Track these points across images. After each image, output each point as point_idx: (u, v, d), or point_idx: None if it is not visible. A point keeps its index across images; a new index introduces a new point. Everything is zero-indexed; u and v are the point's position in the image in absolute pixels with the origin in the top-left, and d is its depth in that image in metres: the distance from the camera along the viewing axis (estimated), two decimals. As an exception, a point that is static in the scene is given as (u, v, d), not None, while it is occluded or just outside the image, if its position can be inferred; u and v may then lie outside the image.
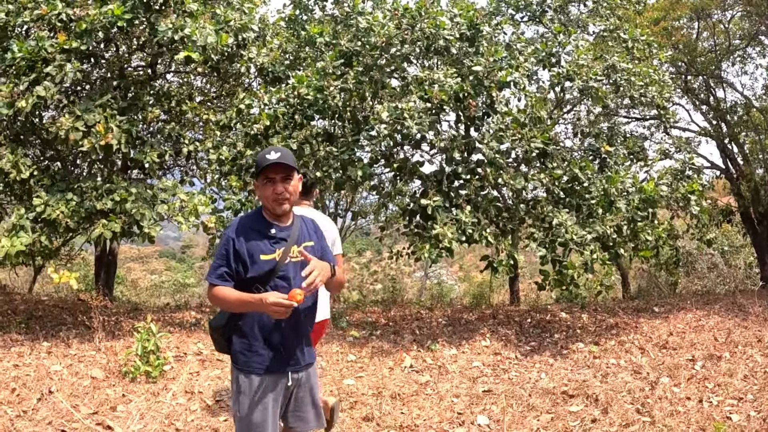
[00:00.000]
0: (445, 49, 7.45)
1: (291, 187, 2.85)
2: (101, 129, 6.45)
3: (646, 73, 8.46)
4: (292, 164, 2.84)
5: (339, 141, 7.06)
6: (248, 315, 2.84)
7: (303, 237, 2.96)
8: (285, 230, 2.91)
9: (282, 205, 2.84)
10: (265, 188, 2.85)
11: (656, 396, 5.25)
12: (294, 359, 2.92)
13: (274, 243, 2.86)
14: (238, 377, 2.87)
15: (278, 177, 2.81)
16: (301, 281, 2.71)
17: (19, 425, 4.55)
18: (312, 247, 2.96)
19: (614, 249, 7.32)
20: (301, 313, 2.89)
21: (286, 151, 2.90)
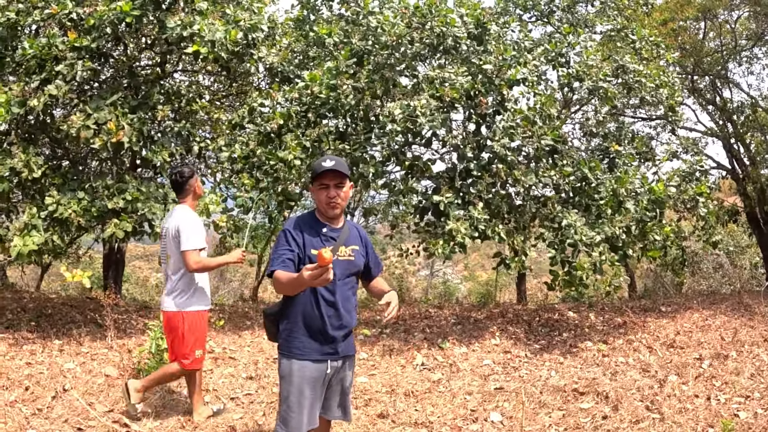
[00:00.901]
0: (453, 48, 7.47)
1: (343, 193, 3.14)
2: (112, 127, 6.47)
3: (656, 75, 8.48)
4: (345, 172, 3.10)
5: (351, 139, 7.08)
6: (295, 304, 3.10)
7: (351, 240, 3.24)
8: (335, 231, 3.19)
9: (334, 208, 3.13)
10: (320, 192, 3.12)
11: (665, 394, 5.31)
12: (333, 348, 3.13)
13: (325, 240, 3.13)
14: (281, 361, 3.12)
15: (332, 183, 3.09)
16: (347, 278, 3.18)
17: (35, 423, 4.57)
18: (358, 251, 3.25)
19: (623, 250, 7.34)
20: (341, 305, 3.13)
21: (340, 159, 3.16)
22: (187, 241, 4.39)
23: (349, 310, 3.21)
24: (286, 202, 7.14)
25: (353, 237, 3.28)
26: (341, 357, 3.19)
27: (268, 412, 5.00)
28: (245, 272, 19.82)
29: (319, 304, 3.11)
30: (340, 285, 3.14)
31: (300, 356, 3.06)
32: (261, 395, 5.40)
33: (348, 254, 3.19)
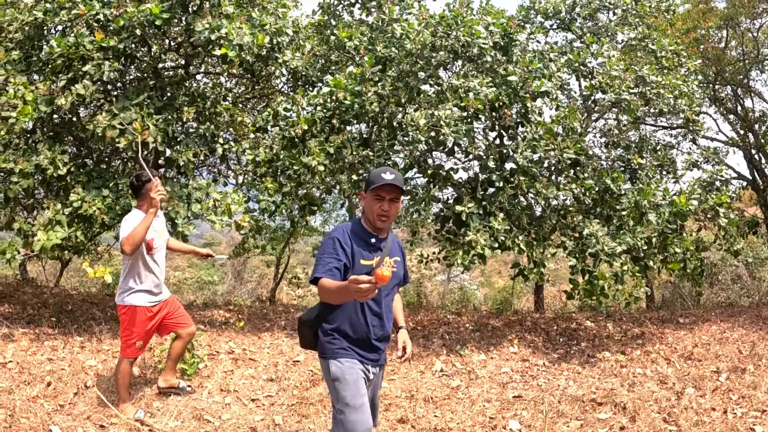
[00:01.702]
0: (478, 57, 7.47)
1: (395, 209, 3.16)
2: (138, 127, 6.53)
3: (675, 85, 8.43)
4: (402, 188, 3.13)
5: (375, 146, 7.10)
6: (340, 311, 3.13)
7: (393, 251, 3.28)
8: (382, 241, 3.22)
9: (384, 222, 3.15)
10: (373, 203, 3.13)
11: (682, 406, 5.30)
12: (374, 355, 3.20)
13: (374, 251, 3.16)
14: (329, 366, 3.11)
15: (387, 197, 3.10)
16: (390, 289, 3.25)
17: (58, 419, 4.61)
18: (399, 262, 3.30)
19: (644, 261, 7.32)
20: (385, 316, 3.20)
21: (399, 174, 3.15)
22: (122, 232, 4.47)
23: (390, 320, 3.28)
24: (309, 207, 7.17)
25: (395, 248, 3.31)
26: (379, 365, 3.28)
27: (289, 414, 5.03)
28: (262, 273, 19.90)
29: (365, 313, 3.14)
30: (384, 296, 3.19)
31: (347, 355, 3.09)
32: (282, 397, 5.42)
33: (392, 266, 3.22)
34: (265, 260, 18.97)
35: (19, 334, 6.53)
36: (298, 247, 15.09)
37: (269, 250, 10.61)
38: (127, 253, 4.43)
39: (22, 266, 12.53)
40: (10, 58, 7.01)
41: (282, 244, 11.04)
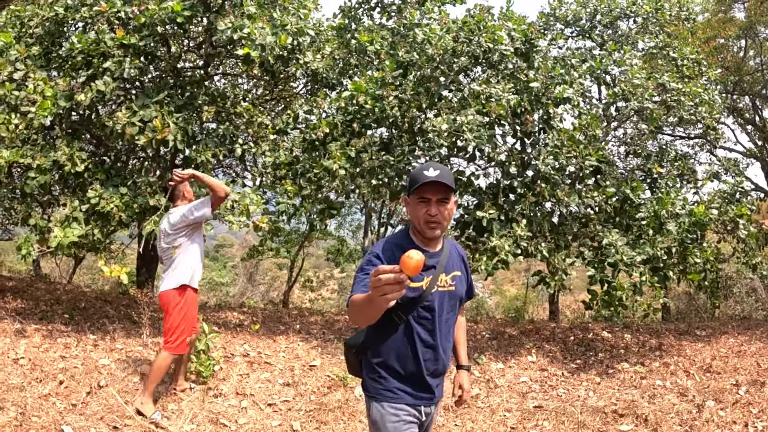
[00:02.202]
0: (498, 63, 7.42)
1: (446, 211, 2.56)
2: (158, 124, 6.50)
3: (695, 93, 8.36)
4: (451, 185, 2.51)
5: (395, 150, 7.04)
6: (386, 340, 2.63)
7: (451, 265, 2.70)
8: (435, 256, 2.63)
9: (433, 229, 2.55)
10: (418, 208, 2.55)
11: (703, 419, 5.27)
12: (429, 392, 2.66)
13: (423, 270, 2.36)
14: (371, 406, 2.67)
15: (434, 198, 2.51)
16: (448, 313, 2.65)
17: (70, 419, 4.56)
18: (459, 277, 2.72)
19: (663, 271, 7.23)
20: (441, 347, 2.64)
21: (446, 169, 2.56)
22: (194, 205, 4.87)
23: (448, 351, 2.71)
24: (328, 211, 7.10)
25: (454, 260, 2.73)
26: (435, 401, 2.73)
27: (307, 420, 4.96)
28: (274, 275, 19.90)
29: (415, 344, 2.60)
30: (440, 322, 2.63)
31: (393, 399, 2.61)
32: (299, 402, 5.36)
33: (449, 284, 2.65)
34: (277, 263, 18.98)
35: (32, 330, 6.50)
36: (311, 250, 15.06)
37: (283, 252, 10.56)
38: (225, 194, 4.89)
39: (35, 262, 12.58)
40: (30, 54, 7.01)
41: (296, 247, 10.99)
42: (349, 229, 15.34)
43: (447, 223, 2.61)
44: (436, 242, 2.66)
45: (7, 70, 6.73)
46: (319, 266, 25.47)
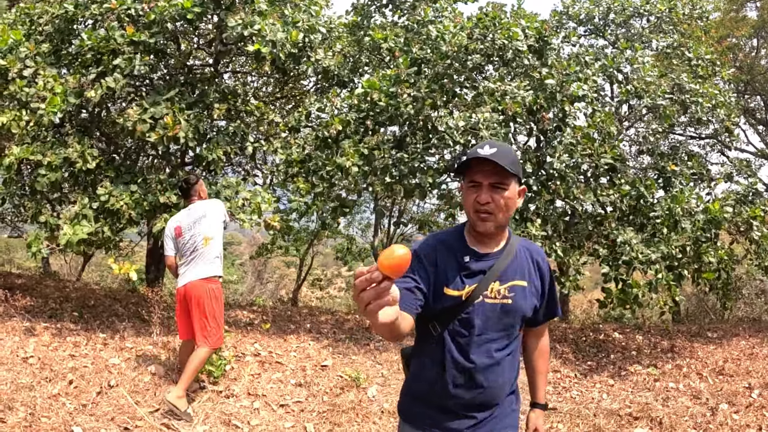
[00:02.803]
0: (512, 61, 7.36)
1: (502, 200, 2.02)
2: (169, 121, 6.46)
3: (712, 95, 8.29)
4: (510, 167, 1.99)
5: (409, 148, 6.99)
6: (420, 358, 2.22)
7: (513, 272, 2.13)
8: (487, 259, 2.11)
9: (484, 221, 2.04)
10: (468, 194, 2.08)
11: (717, 422, 5.22)
12: (459, 427, 2.13)
13: (467, 276, 2.08)
14: (399, 425, 2.28)
15: (485, 182, 2.01)
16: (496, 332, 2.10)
17: (80, 419, 4.50)
18: (523, 289, 2.13)
19: (678, 270, 7.16)
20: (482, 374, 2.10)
21: (506, 147, 2.05)
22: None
23: (499, 380, 2.12)
24: (341, 209, 7.05)
25: (520, 266, 2.15)
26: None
27: (320, 422, 4.90)
28: (282, 273, 19.87)
29: (445, 364, 2.11)
30: (481, 342, 2.09)
31: (413, 422, 2.20)
32: (312, 403, 5.30)
33: (501, 294, 2.09)
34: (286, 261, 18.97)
35: (41, 329, 6.47)
36: (319, 248, 15.02)
37: (292, 251, 10.51)
38: None
39: (44, 260, 12.58)
40: (40, 51, 6.98)
41: (306, 245, 10.94)
42: (359, 227, 15.31)
43: (504, 216, 2.05)
44: (494, 240, 2.13)
45: (17, 67, 6.70)
46: (327, 264, 25.43)
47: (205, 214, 5.06)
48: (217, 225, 5.08)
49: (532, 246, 2.27)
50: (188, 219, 5.08)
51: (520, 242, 2.21)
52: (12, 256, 16.83)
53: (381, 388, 5.79)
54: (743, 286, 14.32)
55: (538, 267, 2.22)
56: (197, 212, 5.09)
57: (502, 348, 2.12)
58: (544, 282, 2.23)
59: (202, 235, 4.97)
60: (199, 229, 5.00)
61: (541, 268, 2.23)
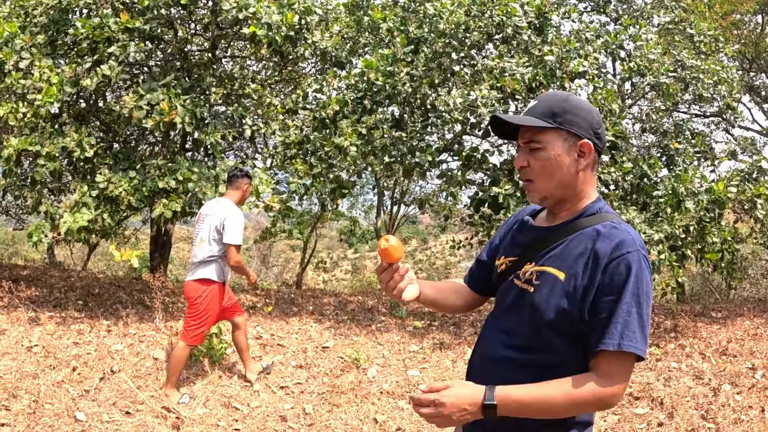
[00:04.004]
0: (512, 38, 7.29)
1: (538, 161, 1.63)
2: (165, 107, 6.45)
3: (714, 71, 8.19)
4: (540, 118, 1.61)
5: (407, 127, 6.96)
6: None
7: (555, 256, 1.63)
8: (533, 233, 1.75)
9: (527, 191, 1.70)
10: None
11: (719, 403, 5.14)
12: None
13: (510, 246, 1.80)
14: None
15: (521, 142, 1.67)
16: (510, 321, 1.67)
17: (83, 405, 4.55)
18: (555, 280, 1.59)
19: (681, 250, 7.11)
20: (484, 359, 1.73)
21: (550, 96, 1.68)
22: (235, 234, 4.72)
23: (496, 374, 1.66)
24: (339, 190, 7.04)
25: (568, 251, 1.60)
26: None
27: (319, 403, 4.91)
28: (288, 257, 19.94)
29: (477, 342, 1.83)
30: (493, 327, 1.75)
31: None
32: (312, 385, 5.31)
33: (526, 278, 1.66)
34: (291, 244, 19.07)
35: (46, 318, 6.52)
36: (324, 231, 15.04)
37: (296, 234, 10.53)
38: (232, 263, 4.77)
39: (49, 250, 12.67)
40: (36, 42, 6.97)
41: (309, 228, 10.96)
42: (362, 209, 15.32)
43: (548, 184, 1.64)
44: (561, 213, 1.70)
45: (13, 59, 6.69)
46: (332, 247, 25.46)
47: (211, 214, 4.88)
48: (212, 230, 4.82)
49: (613, 233, 1.57)
50: (206, 209, 5.00)
51: (597, 225, 1.61)
52: (17, 248, 16.96)
53: (381, 368, 5.80)
54: (749, 266, 14.26)
55: (595, 259, 1.55)
56: (212, 208, 4.95)
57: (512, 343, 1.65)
58: (593, 281, 1.54)
59: (200, 234, 4.89)
60: (203, 225, 4.90)
61: (599, 262, 1.54)
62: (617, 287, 1.51)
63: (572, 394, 1.49)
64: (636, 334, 1.49)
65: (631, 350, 1.48)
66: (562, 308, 1.56)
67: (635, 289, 1.51)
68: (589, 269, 1.54)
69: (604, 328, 1.51)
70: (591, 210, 1.66)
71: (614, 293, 1.51)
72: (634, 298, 1.50)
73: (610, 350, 1.49)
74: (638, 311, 1.51)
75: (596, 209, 1.66)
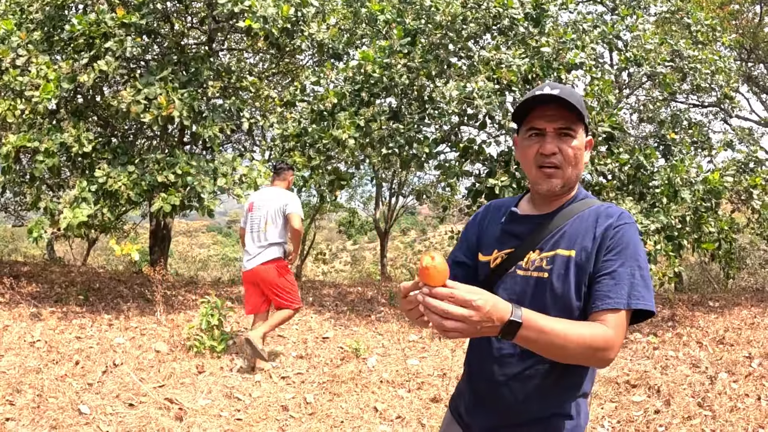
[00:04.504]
0: (509, 29, 7.29)
1: (571, 150, 1.63)
2: (163, 101, 6.46)
3: (711, 61, 8.20)
4: (579, 108, 1.60)
5: (405, 119, 6.98)
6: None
7: (560, 239, 1.65)
8: (527, 222, 1.74)
9: (550, 177, 1.65)
10: (528, 146, 1.68)
11: (716, 391, 5.16)
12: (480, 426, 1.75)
13: (500, 240, 1.75)
14: None
15: (550, 128, 1.62)
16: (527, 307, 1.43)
17: (86, 398, 4.57)
18: (566, 260, 1.61)
19: (678, 240, 7.14)
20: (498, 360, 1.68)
21: (569, 88, 1.67)
22: (298, 207, 5.43)
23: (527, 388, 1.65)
24: (338, 182, 7.08)
25: (574, 232, 1.64)
26: None
27: (320, 392, 4.96)
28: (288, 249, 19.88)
29: (472, 344, 1.82)
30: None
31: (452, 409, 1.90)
32: (312, 375, 5.36)
33: (536, 265, 1.65)
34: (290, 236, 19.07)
35: (47, 313, 6.55)
36: (323, 223, 15.02)
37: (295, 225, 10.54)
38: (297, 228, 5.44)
39: (49, 246, 12.70)
40: (32, 39, 6.97)
41: (308, 220, 10.99)
42: (360, 200, 15.32)
43: (573, 171, 1.67)
44: (550, 201, 1.73)
45: (10, 57, 6.70)
46: (332, 239, 25.42)
47: (273, 199, 5.41)
48: (279, 210, 5.39)
49: (610, 210, 1.65)
50: (261, 198, 5.49)
51: (593, 207, 1.68)
52: (17, 244, 16.97)
53: (381, 358, 5.85)
54: (747, 256, 14.29)
55: (599, 229, 1.61)
56: (269, 195, 5.47)
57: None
58: (600, 248, 1.58)
59: (264, 218, 5.38)
60: (263, 212, 5.39)
61: (605, 232, 1.60)
62: (622, 250, 1.57)
63: (586, 337, 1.45)
64: (642, 292, 1.53)
65: (641, 307, 1.52)
66: (580, 284, 1.59)
67: (635, 254, 1.57)
68: (597, 239, 1.59)
69: (610, 288, 1.54)
70: (581, 196, 1.74)
71: (619, 256, 1.56)
72: (636, 262, 1.56)
73: (619, 308, 1.51)
74: (641, 274, 1.56)
75: (584, 195, 1.75)
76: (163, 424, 4.22)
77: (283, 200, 5.37)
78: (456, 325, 1.29)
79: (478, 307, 1.29)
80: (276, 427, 4.34)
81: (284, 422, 4.42)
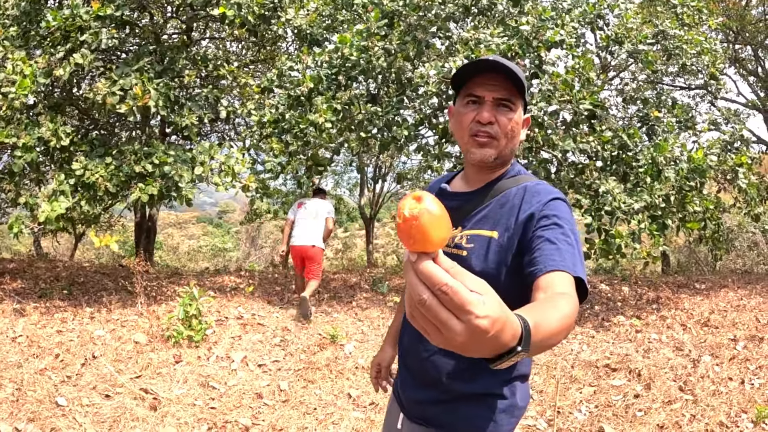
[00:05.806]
0: (488, 9, 7.23)
1: (509, 123, 1.59)
2: (139, 92, 6.41)
3: (697, 41, 8.13)
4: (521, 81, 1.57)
5: (383, 101, 6.94)
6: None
7: (484, 218, 1.63)
8: (454, 198, 1.70)
9: (483, 147, 1.60)
10: (464, 113, 1.62)
11: (698, 374, 5.11)
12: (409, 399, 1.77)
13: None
14: None
15: (489, 96, 1.58)
16: None
17: (64, 390, 4.55)
18: (487, 241, 1.58)
19: (662, 219, 7.09)
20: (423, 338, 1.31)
21: (518, 68, 1.61)
22: (333, 212, 7.35)
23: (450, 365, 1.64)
24: (315, 167, 7.07)
25: (498, 212, 1.61)
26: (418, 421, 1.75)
27: (295, 379, 4.94)
28: (277, 238, 19.97)
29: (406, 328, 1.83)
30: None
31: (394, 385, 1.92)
32: (288, 362, 5.34)
33: (456, 243, 1.63)
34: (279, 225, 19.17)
35: (30, 309, 6.51)
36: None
37: (282, 215, 10.56)
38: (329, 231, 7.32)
39: (36, 242, 12.65)
40: (8, 35, 6.89)
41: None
42: (346, 187, 15.24)
43: (508, 145, 1.63)
44: (482, 176, 1.69)
45: (-14, 55, 6.64)
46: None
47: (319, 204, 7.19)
48: (323, 213, 7.14)
49: (539, 187, 1.61)
50: (310, 202, 7.20)
51: (521, 184, 1.64)
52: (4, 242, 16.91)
53: (359, 344, 5.83)
54: (735, 238, 14.27)
55: (526, 209, 1.56)
56: (316, 201, 7.22)
57: None
58: (526, 231, 1.53)
59: (312, 215, 7.07)
60: (311, 211, 7.11)
61: (532, 212, 1.54)
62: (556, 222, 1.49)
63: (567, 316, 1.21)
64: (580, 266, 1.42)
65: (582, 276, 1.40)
66: (501, 265, 1.54)
67: (571, 229, 1.50)
68: (522, 220, 1.54)
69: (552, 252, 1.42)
70: (511, 173, 1.69)
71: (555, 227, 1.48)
72: (569, 237, 1.47)
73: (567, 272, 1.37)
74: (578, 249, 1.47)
75: (516, 172, 1.69)
76: (138, 413, 4.20)
77: (326, 207, 7.20)
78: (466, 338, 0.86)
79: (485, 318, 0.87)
80: (249, 414, 4.32)
81: (257, 410, 4.40)
